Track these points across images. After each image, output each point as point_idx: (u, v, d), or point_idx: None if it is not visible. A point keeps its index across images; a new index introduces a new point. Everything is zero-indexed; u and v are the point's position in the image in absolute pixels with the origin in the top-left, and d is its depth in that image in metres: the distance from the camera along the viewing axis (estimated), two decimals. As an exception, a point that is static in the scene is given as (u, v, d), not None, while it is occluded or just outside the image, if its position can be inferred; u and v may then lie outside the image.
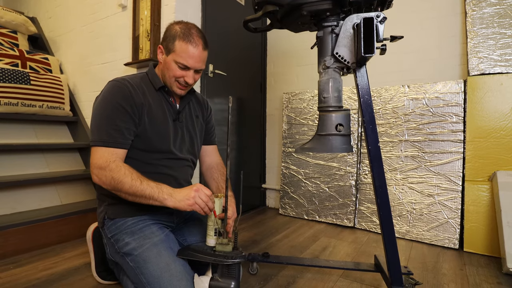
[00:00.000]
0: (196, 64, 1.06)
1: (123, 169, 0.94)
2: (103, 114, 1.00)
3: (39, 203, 1.84)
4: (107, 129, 0.98)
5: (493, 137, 1.62)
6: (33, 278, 1.26)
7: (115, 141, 0.98)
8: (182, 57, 1.03)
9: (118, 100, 1.00)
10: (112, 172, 0.93)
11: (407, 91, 1.89)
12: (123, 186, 0.92)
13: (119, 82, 1.04)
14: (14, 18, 2.44)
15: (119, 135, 0.98)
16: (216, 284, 0.95)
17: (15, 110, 1.98)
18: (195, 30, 1.06)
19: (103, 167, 0.94)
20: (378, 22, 0.94)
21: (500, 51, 1.65)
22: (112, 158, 0.95)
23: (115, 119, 0.98)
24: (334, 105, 1.03)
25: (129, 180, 0.92)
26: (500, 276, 1.35)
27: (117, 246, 1.02)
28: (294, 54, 2.52)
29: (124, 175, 0.92)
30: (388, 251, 1.02)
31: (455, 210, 1.69)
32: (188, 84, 1.09)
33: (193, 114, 1.24)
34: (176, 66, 1.05)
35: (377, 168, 1.03)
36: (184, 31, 1.04)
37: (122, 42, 2.07)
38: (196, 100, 1.29)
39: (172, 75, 1.07)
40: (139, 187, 0.92)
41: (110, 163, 0.94)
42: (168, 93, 1.14)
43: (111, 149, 0.97)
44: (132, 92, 1.03)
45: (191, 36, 1.04)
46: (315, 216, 2.20)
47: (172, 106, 1.15)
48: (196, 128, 1.24)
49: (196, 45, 1.04)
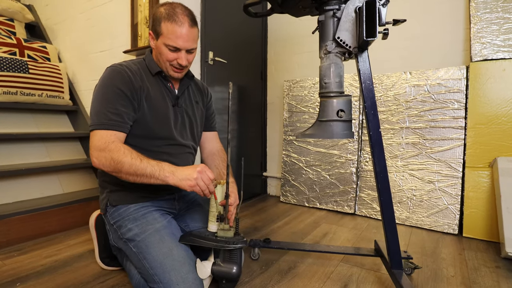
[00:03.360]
0: (186, 44, 1.03)
1: (122, 149, 0.93)
2: (102, 98, 0.99)
3: (41, 192, 1.85)
4: (106, 112, 0.97)
5: (495, 124, 1.62)
6: (38, 265, 1.28)
7: (115, 124, 0.97)
8: (170, 38, 1.01)
9: (117, 84, 1.00)
10: (112, 153, 0.92)
11: (409, 77, 1.87)
12: (123, 166, 0.91)
13: (117, 67, 1.04)
14: (11, 5, 2.40)
15: (118, 118, 0.98)
16: (218, 269, 0.96)
17: (14, 99, 1.97)
18: (180, 9, 1.02)
19: (102, 149, 0.93)
20: (380, 5, 0.93)
21: (504, 36, 1.63)
22: (111, 139, 0.95)
23: (114, 103, 0.98)
24: (336, 90, 1.02)
25: (129, 159, 0.91)
26: (499, 260, 1.37)
27: (119, 233, 1.03)
28: (295, 41, 2.49)
29: (124, 154, 0.92)
30: (388, 235, 1.03)
31: (455, 196, 1.70)
32: (182, 66, 1.07)
33: (192, 99, 1.22)
34: (166, 49, 1.03)
35: (378, 153, 1.03)
36: (168, 11, 1.01)
37: (120, 29, 2.04)
38: (195, 86, 1.27)
39: (165, 59, 1.05)
40: (139, 165, 0.91)
41: (109, 144, 0.93)
42: (166, 79, 1.13)
43: (110, 132, 0.96)
44: (131, 77, 1.02)
45: (176, 15, 1.00)
46: (316, 203, 2.22)
47: (170, 92, 1.14)
48: (196, 114, 1.23)
49: (181, 24, 1.00)
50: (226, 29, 2.15)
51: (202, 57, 1.92)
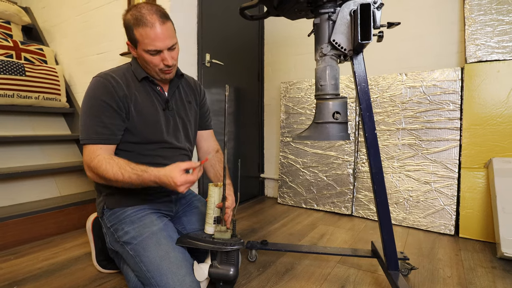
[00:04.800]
0: (165, 43, 0.98)
1: (104, 164, 0.94)
2: (89, 112, 1.00)
3: (38, 195, 1.85)
4: (92, 126, 0.99)
5: (490, 124, 1.63)
6: (34, 268, 1.28)
7: (102, 138, 0.99)
8: (147, 43, 0.97)
9: (101, 97, 0.99)
10: (96, 169, 0.95)
11: (404, 79, 1.89)
12: (110, 181, 0.95)
13: (101, 78, 1.02)
14: (7, 8, 2.39)
15: (106, 131, 0.99)
16: (215, 271, 0.96)
17: (11, 102, 1.97)
18: (146, 9, 0.97)
19: (89, 165, 0.97)
20: (375, 8, 0.93)
21: (498, 38, 1.64)
22: (96, 153, 0.97)
23: (100, 116, 0.99)
24: (331, 92, 1.03)
25: (111, 174, 0.93)
26: (495, 260, 1.38)
27: (116, 235, 1.03)
28: (292, 43, 2.50)
29: (105, 170, 0.94)
30: (385, 236, 1.04)
31: (451, 197, 1.71)
32: (170, 65, 1.03)
33: (184, 100, 1.20)
34: (149, 55, 1.00)
35: (374, 155, 1.03)
36: (135, 16, 0.96)
37: (117, 31, 2.04)
38: (187, 85, 1.24)
39: (152, 65, 1.02)
40: (122, 180, 0.93)
41: (93, 160, 0.96)
42: (153, 83, 1.10)
43: (96, 146, 0.99)
44: (115, 86, 1.01)
45: (143, 17, 0.95)
46: (313, 205, 2.22)
47: (160, 95, 1.11)
48: (190, 115, 1.21)
49: (152, 24, 0.95)
50: (223, 32, 2.16)
51: (199, 59, 1.92)
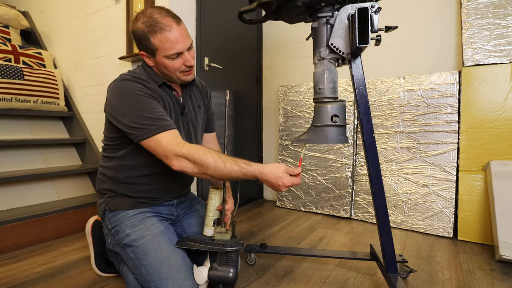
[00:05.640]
0: (184, 44, 0.98)
1: (199, 151, 0.89)
2: (138, 106, 0.93)
3: (36, 199, 1.84)
4: (154, 115, 0.92)
5: (487, 127, 1.64)
6: (32, 272, 1.27)
7: (169, 123, 0.93)
8: (168, 48, 0.96)
9: (144, 92, 0.96)
10: (192, 156, 0.88)
11: (402, 82, 1.90)
12: (207, 169, 0.89)
13: (131, 77, 0.99)
14: (6, 12, 2.40)
15: (167, 117, 0.95)
16: (215, 273, 0.96)
17: (9, 106, 1.97)
18: (157, 13, 0.96)
19: (177, 155, 0.89)
20: (373, 12, 0.94)
21: (495, 42, 1.66)
22: (177, 141, 0.90)
23: (153, 106, 0.94)
24: (330, 96, 1.03)
25: (212, 162, 0.89)
26: (493, 263, 1.38)
27: (117, 237, 1.03)
28: (290, 47, 2.52)
29: (204, 157, 0.89)
30: (383, 239, 1.04)
31: (450, 199, 1.72)
32: (191, 66, 1.03)
33: (195, 105, 1.20)
34: (170, 60, 0.99)
35: (372, 158, 1.04)
36: (148, 24, 0.95)
37: (116, 35, 2.05)
38: (196, 89, 1.24)
39: (174, 70, 1.01)
40: (221, 169, 0.89)
41: (183, 146, 0.89)
42: (170, 88, 1.09)
43: (172, 132, 0.92)
44: (150, 86, 1.00)
45: (158, 22, 0.94)
46: (312, 208, 2.22)
47: (176, 101, 1.11)
48: (199, 119, 1.22)
49: (170, 27, 0.95)
50: (221, 35, 2.17)
51: (197, 63, 1.93)
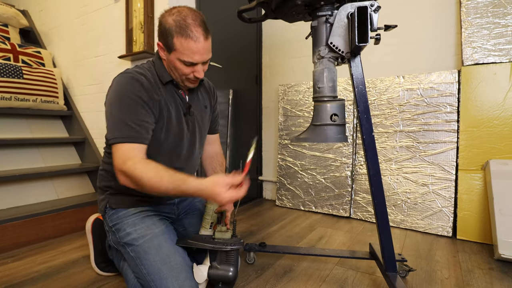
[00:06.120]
0: (203, 57, 0.97)
1: (138, 168, 0.86)
2: (121, 108, 0.93)
3: (35, 198, 1.84)
4: (127, 124, 0.91)
5: (486, 127, 1.64)
6: (32, 271, 1.27)
7: (136, 136, 0.92)
8: (186, 54, 0.94)
9: (136, 93, 0.94)
10: (130, 174, 0.86)
11: (402, 81, 1.90)
12: (144, 188, 0.87)
13: (132, 74, 0.97)
14: (5, 11, 2.40)
15: (141, 129, 0.93)
16: (214, 272, 0.96)
17: (8, 105, 1.96)
18: (191, 18, 0.93)
19: (120, 170, 0.88)
20: (372, 11, 0.94)
21: (494, 41, 1.66)
22: (128, 156, 0.89)
23: (135, 113, 0.93)
24: (329, 95, 1.03)
25: (147, 181, 0.85)
26: (492, 262, 1.38)
27: (118, 236, 1.03)
28: (290, 46, 2.51)
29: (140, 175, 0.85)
30: (383, 238, 1.04)
31: (449, 199, 1.72)
32: (199, 78, 1.02)
33: (202, 105, 1.18)
34: (182, 64, 0.97)
35: (372, 157, 1.04)
36: (179, 23, 0.92)
37: (115, 34, 2.05)
38: (203, 89, 1.22)
39: (181, 73, 1.00)
40: (157, 188, 0.85)
41: (126, 162, 0.87)
42: (177, 86, 1.08)
43: (131, 146, 0.90)
44: (148, 85, 0.98)
45: (189, 28, 0.92)
46: (312, 207, 2.22)
47: (182, 100, 1.09)
48: (205, 120, 1.20)
49: (197, 38, 0.93)
50: (221, 34, 2.16)
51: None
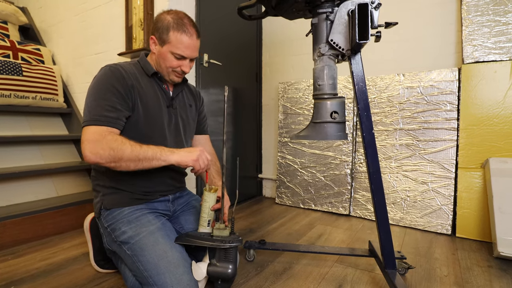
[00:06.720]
0: (193, 54, 1.09)
1: (119, 139, 0.93)
2: (97, 95, 0.98)
3: (35, 195, 1.84)
4: (100, 108, 0.96)
5: (486, 125, 1.64)
6: (32, 268, 1.27)
7: (110, 120, 0.96)
8: (179, 48, 1.05)
9: (112, 82, 0.99)
10: (109, 143, 0.90)
11: (402, 79, 1.90)
12: (123, 153, 0.90)
13: (112, 66, 1.04)
14: (4, 8, 2.39)
15: (113, 114, 0.97)
16: (214, 269, 0.97)
17: (8, 102, 1.96)
18: (187, 20, 1.07)
19: (99, 140, 0.91)
20: (373, 8, 0.94)
21: (495, 39, 1.65)
22: (107, 132, 0.94)
23: (109, 100, 0.97)
24: (329, 92, 1.03)
25: (128, 146, 0.92)
26: (491, 260, 1.39)
27: (113, 235, 1.03)
28: (290, 43, 2.51)
29: (122, 143, 0.92)
30: (382, 236, 1.04)
31: (448, 197, 1.72)
32: (185, 72, 1.12)
33: (186, 102, 1.25)
34: (172, 57, 1.07)
35: (371, 155, 1.04)
36: (177, 21, 1.05)
37: (115, 32, 2.04)
38: (188, 90, 1.31)
39: (169, 66, 1.09)
40: (139, 150, 0.93)
41: (106, 135, 0.92)
42: (161, 80, 1.15)
43: (103, 128, 0.94)
44: (125, 75, 1.03)
45: (185, 26, 1.05)
46: (311, 205, 2.22)
47: (165, 93, 1.16)
48: (189, 117, 1.26)
49: (191, 35, 1.06)
50: (221, 32, 2.16)
51: (197, 59, 1.92)
